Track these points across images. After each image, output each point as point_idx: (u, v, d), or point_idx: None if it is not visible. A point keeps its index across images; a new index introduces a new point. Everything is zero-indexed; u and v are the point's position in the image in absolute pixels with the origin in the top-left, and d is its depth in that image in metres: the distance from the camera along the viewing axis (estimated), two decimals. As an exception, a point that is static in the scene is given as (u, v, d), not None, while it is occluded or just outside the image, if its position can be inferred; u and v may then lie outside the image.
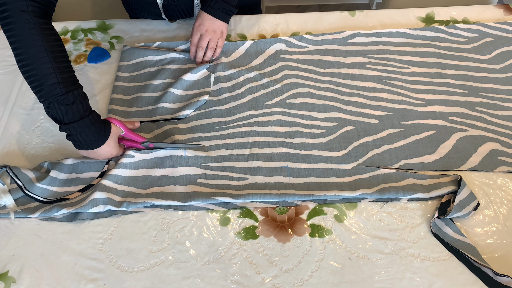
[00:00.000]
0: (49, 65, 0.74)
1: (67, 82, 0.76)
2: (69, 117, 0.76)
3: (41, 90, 0.74)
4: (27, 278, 0.73)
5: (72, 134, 0.78)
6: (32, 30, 0.73)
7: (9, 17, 0.72)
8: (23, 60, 0.74)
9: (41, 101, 0.76)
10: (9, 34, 0.73)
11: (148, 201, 0.79)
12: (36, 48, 0.73)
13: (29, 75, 0.74)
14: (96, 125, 0.79)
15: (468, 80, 1.01)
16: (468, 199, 0.78)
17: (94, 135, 0.79)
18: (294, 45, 1.08)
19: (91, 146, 0.80)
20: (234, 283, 0.72)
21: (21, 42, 0.73)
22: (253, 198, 0.79)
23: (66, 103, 0.75)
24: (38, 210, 0.78)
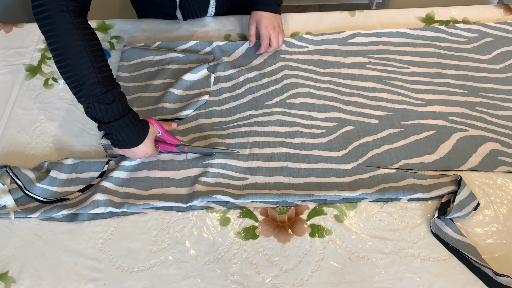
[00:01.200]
0: (89, 64, 0.73)
1: (107, 81, 0.75)
2: (109, 116, 0.76)
3: (81, 90, 0.74)
4: (27, 278, 0.73)
5: (112, 133, 0.77)
6: (72, 30, 0.72)
7: (49, 18, 0.72)
8: (62, 60, 0.73)
9: (80, 101, 0.75)
10: (49, 35, 0.73)
11: (149, 202, 0.79)
12: (76, 48, 0.73)
13: (68, 75, 0.74)
14: (135, 123, 0.79)
15: (468, 80, 1.01)
16: (468, 199, 0.78)
17: (134, 134, 0.78)
18: (294, 45, 1.08)
19: (129, 145, 0.79)
20: (234, 283, 0.72)
21: (61, 43, 0.72)
22: (253, 198, 0.79)
23: (106, 102, 0.75)
24: (38, 210, 0.78)
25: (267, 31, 1.02)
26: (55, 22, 0.72)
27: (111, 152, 0.89)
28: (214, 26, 1.14)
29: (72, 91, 0.76)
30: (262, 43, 1.03)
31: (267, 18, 1.02)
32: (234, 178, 0.84)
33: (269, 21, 1.02)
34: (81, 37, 0.73)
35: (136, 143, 0.79)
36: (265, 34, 1.02)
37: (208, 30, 1.13)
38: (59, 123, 0.94)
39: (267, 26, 1.02)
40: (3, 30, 1.13)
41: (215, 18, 1.15)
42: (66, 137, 0.92)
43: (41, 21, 0.73)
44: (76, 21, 0.73)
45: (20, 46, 1.10)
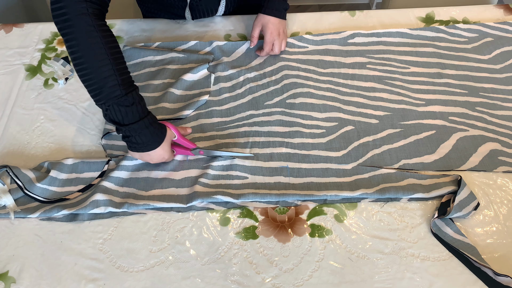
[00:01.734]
0: (110, 66, 0.73)
1: (126, 84, 0.75)
2: (129, 118, 0.75)
3: (101, 93, 0.73)
4: (27, 278, 0.73)
5: (131, 135, 0.77)
6: (93, 33, 0.72)
7: (69, 20, 0.71)
8: (82, 63, 0.73)
9: (99, 104, 0.75)
10: (69, 37, 0.72)
11: (150, 203, 0.79)
12: (96, 50, 0.72)
13: (88, 78, 0.73)
14: (154, 126, 0.78)
15: (468, 80, 1.01)
16: (468, 199, 0.78)
17: (152, 136, 0.78)
18: (294, 45, 1.08)
19: (147, 148, 0.79)
20: (234, 283, 0.72)
21: (81, 45, 0.72)
22: (253, 197, 0.79)
23: (125, 105, 0.74)
24: (38, 210, 0.78)
25: (272, 38, 1.02)
26: (75, 25, 0.71)
27: (110, 152, 0.89)
28: (214, 26, 1.14)
29: (91, 94, 0.75)
30: (265, 48, 1.03)
31: (274, 24, 1.02)
32: (234, 177, 0.84)
33: (274, 27, 1.02)
34: (102, 40, 0.72)
35: (154, 146, 0.79)
36: (269, 40, 1.02)
37: (208, 30, 1.13)
38: (59, 123, 0.94)
39: (272, 33, 1.02)
40: (3, 30, 1.13)
41: (215, 18, 1.15)
42: (66, 137, 0.92)
43: (61, 24, 0.72)
44: (96, 24, 0.73)
45: (20, 46, 1.10)
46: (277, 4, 1.02)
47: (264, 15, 1.02)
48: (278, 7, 1.02)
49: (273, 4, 1.01)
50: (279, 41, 1.03)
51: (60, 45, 1.10)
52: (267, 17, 1.02)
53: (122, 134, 0.78)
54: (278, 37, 1.03)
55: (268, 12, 1.02)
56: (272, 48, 1.03)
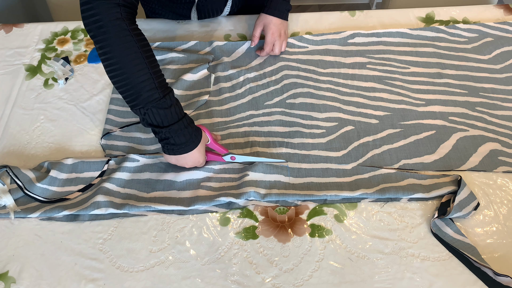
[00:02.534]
0: (146, 70, 0.72)
1: (163, 86, 0.74)
2: (168, 119, 0.74)
3: (138, 97, 0.72)
4: (27, 278, 0.73)
5: (170, 136, 0.76)
6: (128, 37, 0.71)
7: (104, 26, 0.70)
8: (118, 69, 0.72)
9: (136, 109, 0.74)
10: (103, 44, 0.71)
11: (151, 205, 0.79)
12: (133, 54, 0.71)
13: (124, 84, 0.72)
14: (192, 126, 0.78)
15: (468, 80, 1.01)
16: (468, 199, 0.78)
17: (191, 136, 0.77)
18: (294, 45, 1.08)
19: (185, 149, 0.78)
20: (234, 283, 0.72)
21: (116, 51, 0.71)
22: (253, 196, 0.79)
23: (164, 107, 0.73)
24: (38, 209, 0.78)
25: (273, 38, 1.02)
26: (110, 31, 0.70)
27: (109, 152, 0.89)
28: (214, 26, 1.14)
29: (127, 99, 0.74)
30: (265, 49, 1.03)
31: (276, 24, 1.02)
32: (236, 179, 0.83)
33: (276, 28, 1.02)
34: (137, 44, 0.72)
35: (192, 147, 0.78)
36: (270, 41, 1.02)
37: (208, 30, 1.13)
38: (59, 123, 0.94)
39: (273, 33, 1.02)
40: (3, 30, 1.13)
41: (215, 18, 1.15)
42: (66, 137, 0.92)
43: (94, 31, 0.71)
44: (130, 28, 0.72)
45: (20, 46, 1.10)
46: (280, 5, 1.02)
47: (267, 15, 1.02)
48: (280, 8, 1.02)
49: (275, 5, 1.01)
50: (280, 42, 1.03)
51: (60, 45, 1.10)
52: (269, 17, 1.02)
53: (160, 137, 0.77)
54: (279, 38, 1.03)
55: (271, 12, 1.01)
56: (273, 48, 1.03)
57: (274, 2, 1.02)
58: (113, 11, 0.70)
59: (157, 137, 0.78)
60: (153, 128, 0.76)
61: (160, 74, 0.75)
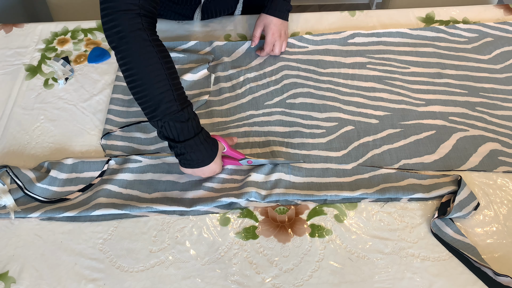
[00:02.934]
0: (166, 82, 0.71)
1: (182, 99, 0.73)
2: (185, 134, 0.73)
3: (157, 109, 0.72)
4: (27, 278, 0.73)
5: (186, 152, 0.75)
6: (149, 47, 0.71)
7: (126, 37, 0.70)
8: (137, 80, 0.71)
9: (154, 121, 0.73)
10: (124, 54, 0.71)
11: (152, 206, 0.79)
12: (153, 65, 0.71)
13: (143, 95, 0.72)
14: (208, 141, 0.76)
15: (468, 80, 1.01)
16: (468, 199, 0.78)
17: (207, 152, 0.76)
18: (294, 45, 1.08)
19: (201, 164, 0.77)
20: (234, 283, 0.72)
21: (137, 62, 0.70)
22: (254, 196, 0.79)
23: (181, 120, 0.73)
24: (39, 209, 0.78)
25: (274, 39, 1.02)
26: (131, 41, 0.70)
27: (109, 152, 0.89)
28: (214, 26, 1.14)
29: (146, 111, 0.73)
30: (265, 49, 1.03)
31: (276, 25, 1.02)
32: (239, 181, 0.83)
33: (276, 28, 1.02)
34: (158, 54, 0.71)
35: (208, 162, 0.77)
36: (271, 41, 1.02)
37: (208, 30, 1.13)
38: (59, 123, 0.94)
39: (274, 33, 1.02)
40: (3, 30, 1.13)
41: (215, 18, 1.15)
42: (66, 137, 0.92)
43: (116, 42, 0.71)
44: (152, 38, 0.71)
45: (20, 46, 1.10)
46: (281, 5, 1.02)
47: (267, 15, 1.02)
48: (281, 8, 1.02)
49: (276, 5, 1.01)
50: (280, 42, 1.03)
51: (60, 45, 1.10)
52: (270, 18, 1.02)
53: (176, 152, 0.76)
54: (280, 38, 1.03)
55: (271, 13, 1.01)
56: (273, 49, 1.03)
57: (274, 2, 1.01)
58: (134, 21, 0.70)
59: (173, 151, 0.77)
60: (169, 142, 0.75)
61: (180, 87, 0.74)
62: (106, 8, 0.71)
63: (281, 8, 1.02)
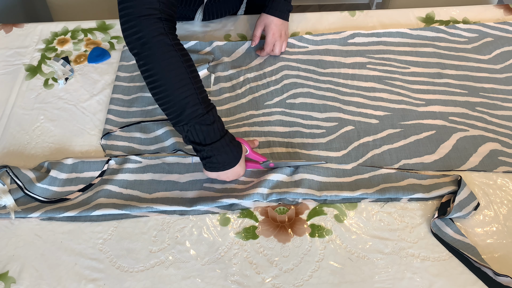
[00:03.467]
0: (191, 86, 0.71)
1: (206, 102, 0.73)
2: (211, 137, 0.73)
3: (182, 113, 0.71)
4: (27, 278, 0.73)
5: (213, 155, 0.74)
6: (172, 52, 0.70)
7: (148, 43, 0.69)
8: (161, 85, 0.70)
9: (179, 125, 0.73)
10: (147, 60, 0.70)
11: (152, 206, 0.79)
12: (177, 70, 0.70)
13: (168, 100, 0.71)
14: (233, 143, 0.76)
15: (468, 80, 1.01)
16: (468, 199, 0.78)
17: (233, 154, 0.76)
18: (294, 45, 1.08)
19: (227, 166, 0.76)
20: (234, 283, 0.72)
21: (160, 67, 0.70)
22: (256, 197, 0.79)
23: (207, 123, 0.72)
24: (39, 209, 0.78)
25: (274, 39, 1.02)
26: (154, 47, 0.69)
27: (109, 152, 0.89)
28: (214, 26, 1.14)
29: (170, 116, 0.73)
30: (265, 49, 1.03)
31: (277, 25, 1.02)
32: (240, 182, 0.83)
33: (277, 29, 1.02)
34: (181, 58, 0.71)
35: (234, 164, 0.77)
36: (271, 41, 1.02)
37: (208, 30, 1.13)
38: (59, 123, 0.94)
39: (274, 34, 1.02)
40: (3, 30, 1.13)
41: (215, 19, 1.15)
42: (66, 137, 0.92)
43: (138, 48, 0.70)
44: (174, 43, 0.71)
45: (20, 46, 1.10)
46: (281, 5, 1.02)
47: (268, 15, 1.02)
48: (282, 8, 1.02)
49: (277, 5, 1.01)
50: (280, 42, 1.03)
51: (60, 45, 1.10)
52: (271, 18, 1.02)
53: (202, 156, 0.75)
54: (280, 38, 1.03)
55: (272, 13, 1.01)
56: (273, 49, 1.03)
57: (275, 2, 1.01)
58: (156, 26, 0.69)
59: (199, 156, 0.76)
60: (195, 146, 0.75)
61: (203, 90, 0.73)
62: (126, 15, 0.70)
63: (282, 8, 1.02)
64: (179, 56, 0.71)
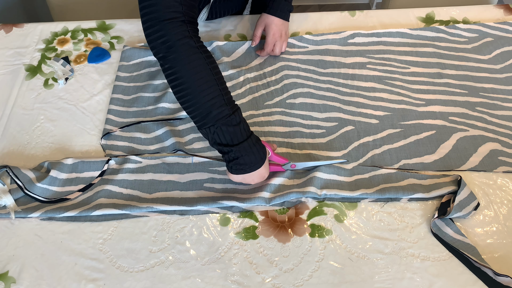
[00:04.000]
0: (216, 87, 0.71)
1: (231, 103, 0.73)
2: (238, 137, 0.72)
3: (208, 116, 0.71)
4: (27, 278, 0.73)
5: (241, 155, 0.73)
6: (197, 55, 0.70)
7: (173, 46, 0.69)
8: (187, 88, 0.70)
9: (205, 128, 0.72)
10: (172, 64, 0.70)
11: (153, 206, 0.79)
12: (203, 72, 0.70)
13: (194, 102, 0.71)
14: (259, 143, 0.76)
15: (468, 80, 1.01)
16: (468, 199, 0.78)
17: (259, 154, 0.75)
18: (294, 45, 1.08)
19: (254, 167, 0.75)
20: (234, 283, 0.72)
21: (185, 70, 0.69)
22: (259, 201, 0.79)
23: (233, 124, 0.72)
24: (39, 209, 0.78)
25: (274, 39, 1.02)
26: (180, 50, 0.69)
27: (109, 152, 0.89)
28: (214, 26, 1.14)
29: (196, 119, 0.72)
30: (265, 49, 1.03)
31: (277, 25, 1.02)
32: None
33: (277, 29, 1.02)
34: (206, 60, 0.71)
35: (260, 165, 0.76)
36: (271, 41, 1.02)
37: (208, 30, 1.13)
38: (59, 123, 0.94)
39: (275, 34, 1.02)
40: (3, 30, 1.13)
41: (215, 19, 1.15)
42: (66, 137, 0.92)
43: (163, 52, 0.70)
44: (198, 45, 0.71)
45: (20, 46, 1.10)
46: (282, 5, 1.02)
47: (269, 15, 1.02)
48: (283, 8, 1.02)
49: (278, 5, 1.01)
50: (281, 42, 1.03)
51: (60, 45, 1.10)
52: (271, 18, 1.02)
53: (229, 157, 0.74)
54: (280, 38, 1.03)
55: (273, 13, 1.01)
56: (273, 49, 1.03)
57: (276, 2, 1.02)
58: (180, 29, 0.69)
59: (225, 158, 0.76)
60: (222, 148, 0.74)
61: (228, 91, 0.73)
62: (149, 19, 0.69)
63: (282, 9, 1.02)
64: (204, 58, 0.71)
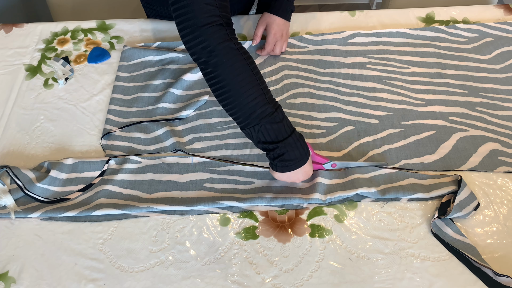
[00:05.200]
0: (258, 87, 0.71)
1: (273, 101, 0.73)
2: (282, 133, 0.73)
3: (251, 115, 0.71)
4: (27, 278, 0.73)
5: (286, 151, 0.74)
6: (238, 57, 0.70)
7: (215, 50, 0.69)
8: (230, 90, 0.71)
9: (248, 128, 0.73)
10: (214, 68, 0.70)
11: (153, 206, 0.79)
12: (244, 73, 0.70)
13: (236, 104, 0.71)
14: (301, 138, 0.76)
15: (468, 80, 1.01)
16: (468, 199, 0.78)
17: (304, 149, 0.75)
18: (294, 45, 1.08)
19: (299, 163, 0.76)
20: (234, 283, 0.72)
21: (227, 73, 0.70)
22: (259, 202, 0.79)
23: (277, 121, 0.72)
24: (39, 209, 0.78)
25: (275, 38, 1.02)
26: (221, 54, 0.69)
27: (109, 152, 0.89)
28: (214, 26, 1.14)
29: (239, 120, 0.73)
30: (266, 48, 1.03)
31: (278, 25, 1.02)
32: (240, 182, 0.83)
33: (279, 28, 1.02)
34: (246, 61, 0.71)
35: (305, 160, 0.76)
36: (272, 41, 1.02)
37: (208, 30, 1.13)
38: (59, 123, 0.94)
39: (276, 33, 1.02)
40: (3, 30, 1.13)
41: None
42: (66, 137, 0.92)
43: (205, 57, 0.70)
44: (238, 47, 0.71)
45: (20, 46, 1.10)
46: (285, 5, 1.02)
47: (271, 14, 1.02)
48: (285, 8, 1.02)
49: (280, 5, 1.01)
50: (281, 42, 1.03)
51: (60, 45, 1.10)
52: (273, 17, 1.02)
53: (275, 154, 0.75)
54: (281, 38, 1.03)
55: (275, 12, 1.01)
56: (273, 48, 1.03)
57: (279, 2, 1.01)
58: (220, 33, 0.69)
59: (271, 156, 0.76)
60: (267, 146, 0.74)
61: (268, 89, 0.74)
62: (187, 26, 0.69)
63: (285, 8, 1.02)
64: (244, 59, 0.71)
